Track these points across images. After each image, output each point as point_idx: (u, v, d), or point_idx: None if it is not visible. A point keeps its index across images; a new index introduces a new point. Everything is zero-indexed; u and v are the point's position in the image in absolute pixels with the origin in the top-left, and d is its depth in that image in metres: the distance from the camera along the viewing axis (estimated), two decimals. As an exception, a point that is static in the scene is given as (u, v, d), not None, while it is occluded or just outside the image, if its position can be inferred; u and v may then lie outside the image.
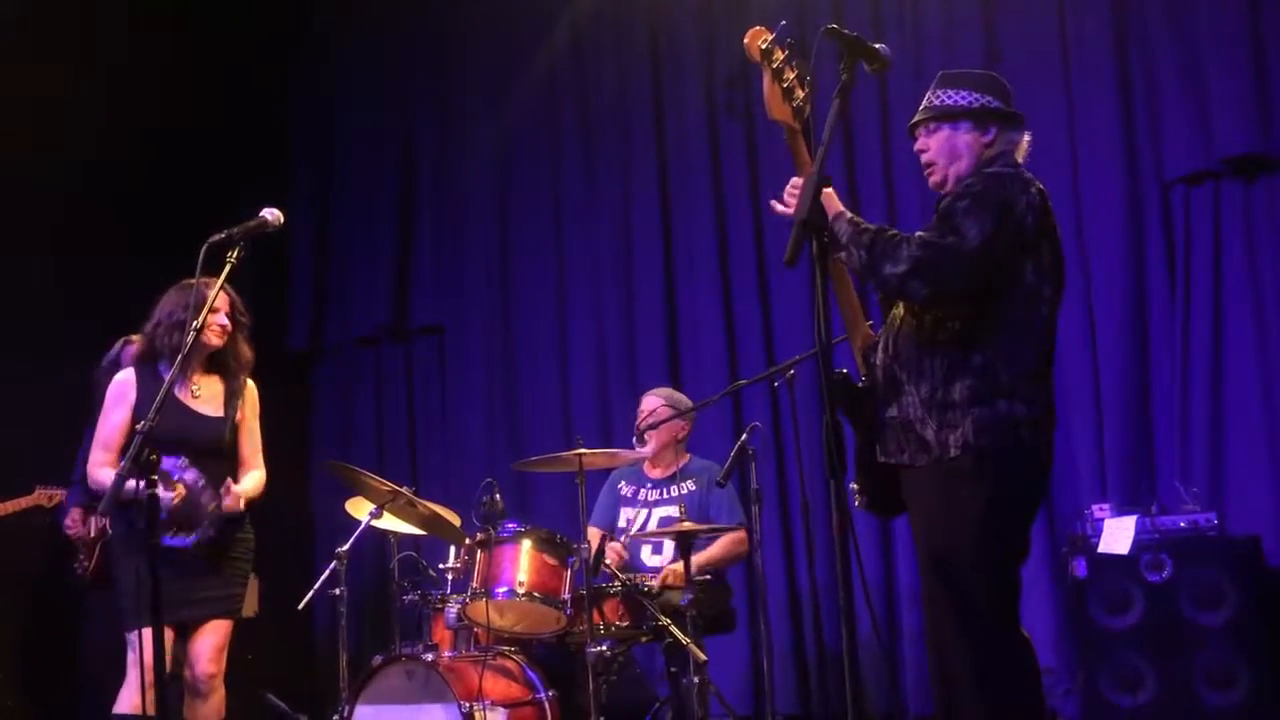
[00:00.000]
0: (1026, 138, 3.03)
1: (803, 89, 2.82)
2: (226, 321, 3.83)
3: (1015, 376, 2.78)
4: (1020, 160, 2.99)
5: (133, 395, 3.79)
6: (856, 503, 3.06)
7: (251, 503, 3.87)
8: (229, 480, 3.77)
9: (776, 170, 6.00)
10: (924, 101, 3.04)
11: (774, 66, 2.79)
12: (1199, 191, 5.17)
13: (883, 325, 3.04)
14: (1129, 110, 5.30)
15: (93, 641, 5.24)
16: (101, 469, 3.77)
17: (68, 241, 5.74)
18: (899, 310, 2.96)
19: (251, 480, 3.91)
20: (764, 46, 2.79)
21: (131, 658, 3.64)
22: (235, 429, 3.88)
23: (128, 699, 3.63)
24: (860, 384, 3.01)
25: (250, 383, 3.98)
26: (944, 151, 2.96)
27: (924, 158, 3.01)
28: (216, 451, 3.80)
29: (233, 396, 3.87)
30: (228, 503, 3.73)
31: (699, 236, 6.24)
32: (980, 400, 2.77)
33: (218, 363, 3.88)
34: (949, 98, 2.97)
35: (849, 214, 2.88)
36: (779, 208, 2.92)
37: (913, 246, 2.75)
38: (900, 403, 2.88)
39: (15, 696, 5.41)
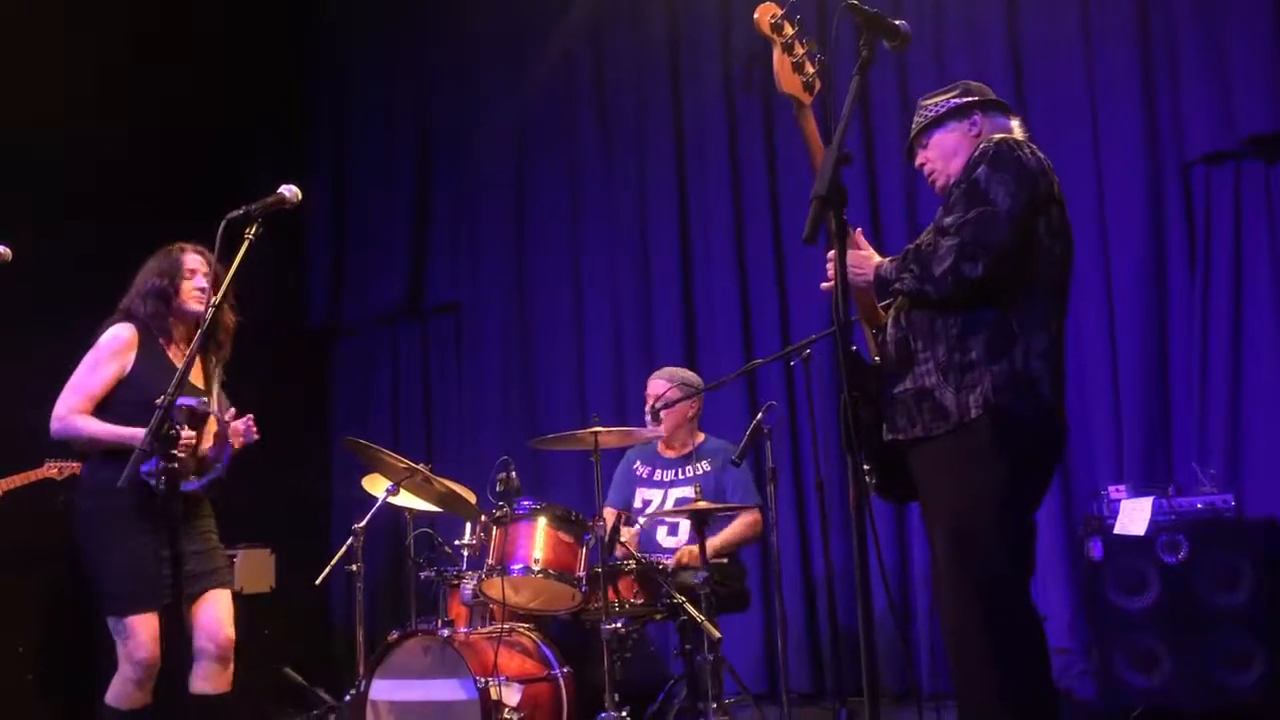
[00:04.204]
0: (1017, 122, 3.08)
1: (813, 65, 2.83)
2: (206, 285, 3.66)
3: (1028, 329, 2.80)
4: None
5: (131, 355, 3.63)
6: (869, 485, 3.06)
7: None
8: (232, 414, 3.65)
9: (794, 147, 5.97)
10: (912, 127, 3.15)
11: (784, 40, 2.80)
12: (1220, 171, 5.12)
13: (893, 304, 3.04)
14: (1151, 88, 5.26)
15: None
16: (78, 416, 3.55)
17: (82, 217, 5.75)
18: None
19: None
20: (774, 20, 2.80)
21: (123, 649, 3.49)
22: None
23: (123, 693, 3.51)
24: (871, 363, 3.00)
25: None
26: (940, 154, 3.06)
27: (926, 169, 3.11)
28: (200, 411, 3.62)
29: (215, 367, 3.76)
30: (241, 439, 3.63)
31: (715, 214, 6.22)
32: (997, 355, 2.79)
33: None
34: (929, 110, 3.10)
35: (885, 259, 2.95)
36: (825, 286, 2.95)
37: (949, 237, 2.78)
38: (914, 373, 2.89)
39: (34, 669, 5.46)
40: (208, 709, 3.60)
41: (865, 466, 3.04)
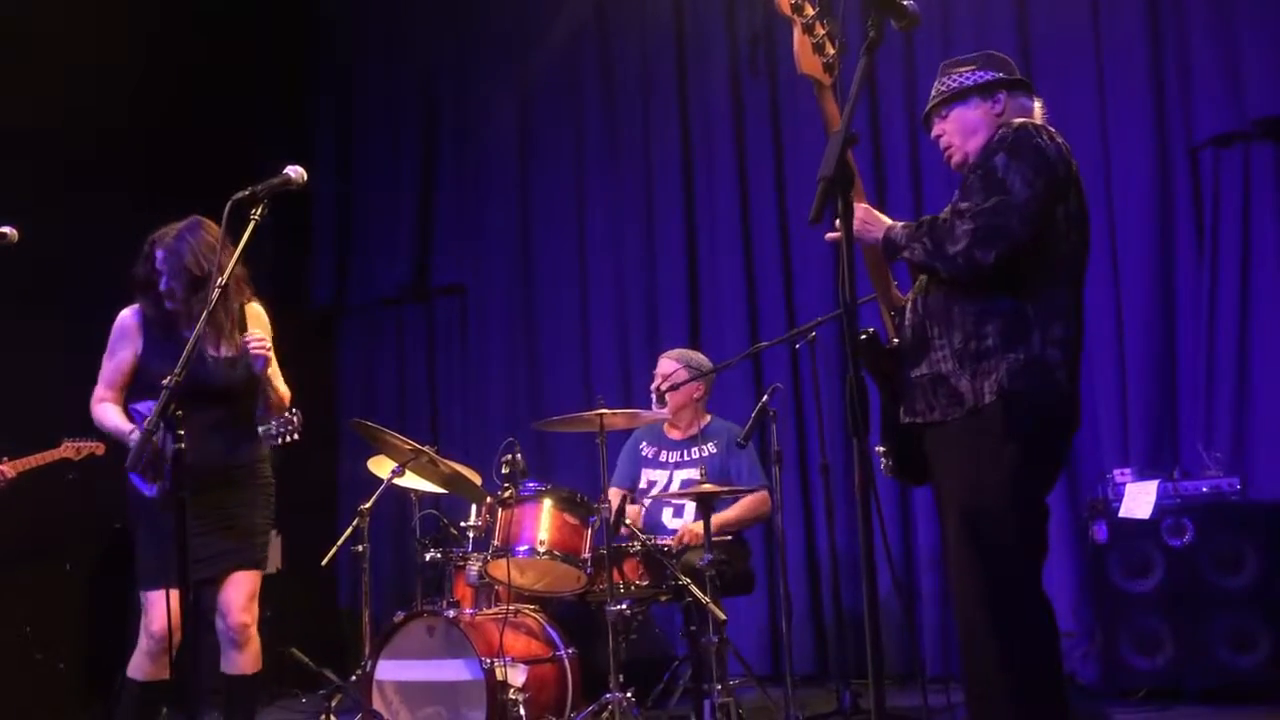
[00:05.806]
0: (1039, 104, 3.05)
1: (833, 46, 2.82)
2: (168, 286, 3.61)
3: (1045, 317, 2.80)
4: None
5: (139, 336, 3.69)
6: (884, 467, 3.06)
7: (280, 404, 3.70)
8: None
9: (799, 129, 5.98)
10: (932, 94, 3.10)
11: (804, 21, 2.79)
12: (1229, 153, 5.10)
13: (911, 287, 3.03)
14: (1159, 70, 5.23)
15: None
16: (100, 404, 3.68)
17: (87, 200, 5.75)
18: None
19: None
20: (794, 1, 2.78)
21: (142, 621, 3.58)
22: (248, 366, 3.67)
23: (138, 664, 3.58)
24: (889, 346, 3.00)
25: (255, 307, 3.79)
26: (959, 130, 3.02)
27: (942, 142, 3.07)
28: (229, 393, 3.65)
29: (232, 331, 3.68)
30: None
31: (721, 196, 6.21)
32: (1012, 343, 2.78)
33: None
34: (953, 81, 3.04)
35: (898, 223, 2.92)
36: (831, 237, 2.95)
37: (965, 220, 2.77)
38: (930, 358, 2.88)
39: (65, 658, 5.47)
40: (230, 689, 3.65)
41: (882, 449, 3.06)
